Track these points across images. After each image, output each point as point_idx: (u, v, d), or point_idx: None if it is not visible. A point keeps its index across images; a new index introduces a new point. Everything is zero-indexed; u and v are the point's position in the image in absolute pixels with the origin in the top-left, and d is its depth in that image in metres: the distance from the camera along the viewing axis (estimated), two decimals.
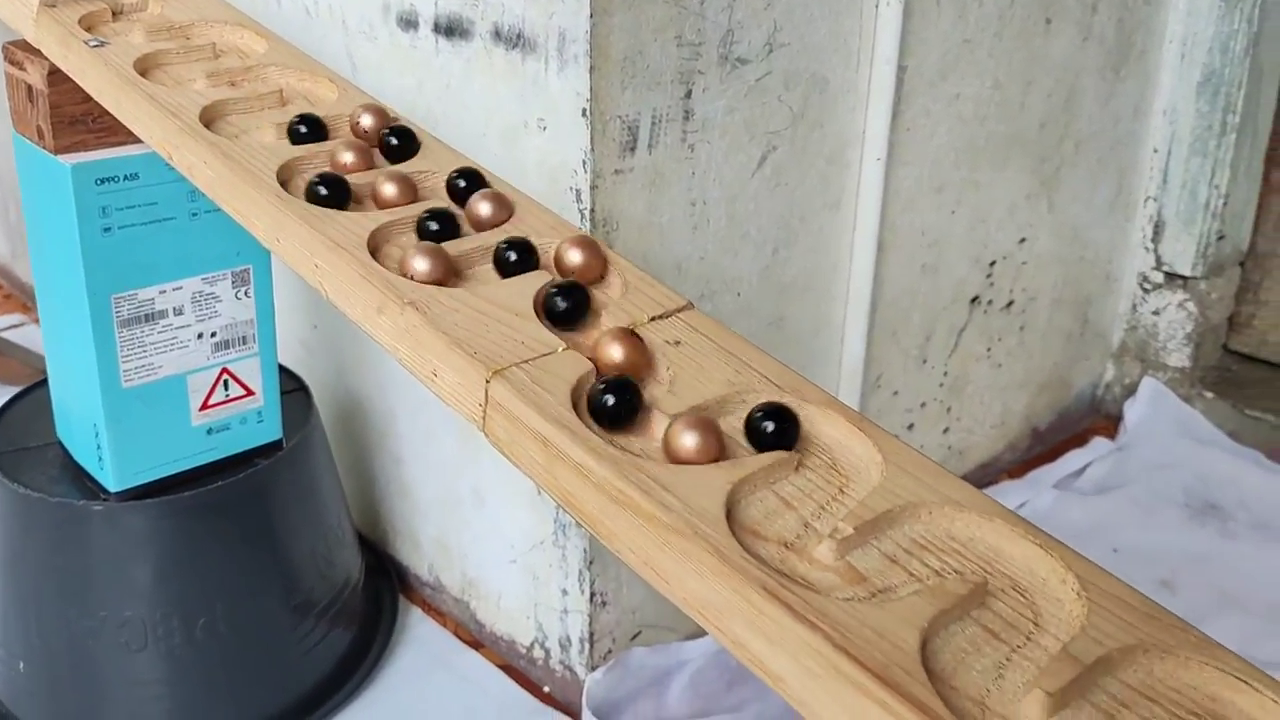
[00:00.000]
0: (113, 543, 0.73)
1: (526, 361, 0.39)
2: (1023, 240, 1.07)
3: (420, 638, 0.92)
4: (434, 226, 0.45)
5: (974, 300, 1.04)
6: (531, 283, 0.43)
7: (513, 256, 0.43)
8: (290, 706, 0.81)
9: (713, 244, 0.79)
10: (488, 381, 0.38)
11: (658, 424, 0.37)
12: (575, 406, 0.37)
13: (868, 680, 0.29)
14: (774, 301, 0.86)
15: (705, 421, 0.35)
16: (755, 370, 0.40)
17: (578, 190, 0.70)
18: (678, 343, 0.41)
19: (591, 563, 0.80)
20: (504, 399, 0.38)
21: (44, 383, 0.81)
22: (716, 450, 0.35)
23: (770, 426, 0.37)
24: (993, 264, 1.05)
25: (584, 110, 0.68)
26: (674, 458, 0.35)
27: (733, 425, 0.38)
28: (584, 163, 0.69)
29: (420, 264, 0.42)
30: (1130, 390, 1.25)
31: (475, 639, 0.92)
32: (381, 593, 0.95)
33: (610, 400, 0.37)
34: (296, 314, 0.98)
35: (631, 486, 0.34)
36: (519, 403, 0.37)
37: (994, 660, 0.31)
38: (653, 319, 0.42)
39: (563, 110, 0.69)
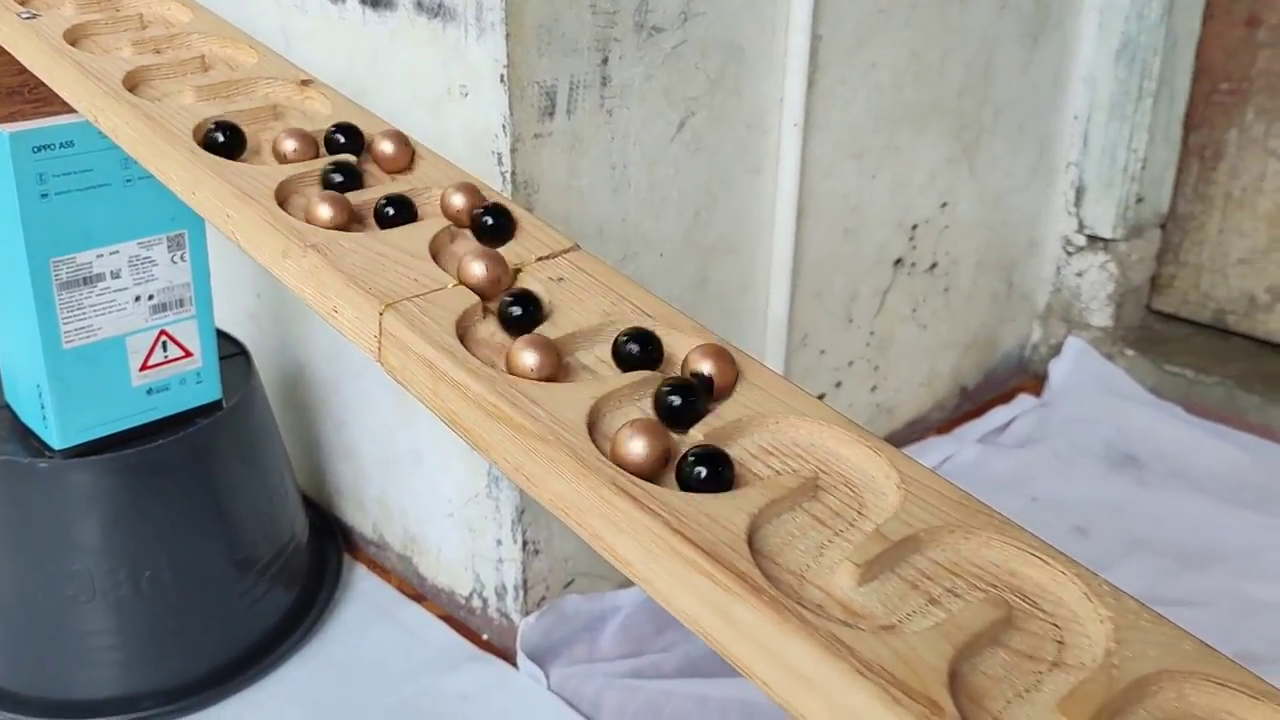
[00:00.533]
0: (59, 499, 0.76)
1: (417, 296, 0.42)
2: (944, 205, 1.11)
3: (364, 593, 0.95)
4: (338, 178, 0.48)
5: (897, 263, 1.09)
6: (429, 228, 0.46)
7: (390, 212, 0.46)
8: (237, 657, 0.85)
9: (634, 207, 0.82)
10: (381, 314, 0.41)
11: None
12: (460, 336, 0.41)
13: (697, 556, 0.33)
14: (697, 263, 0.89)
15: (541, 340, 0.39)
16: (630, 303, 0.44)
17: (499, 154, 0.73)
18: (560, 279, 0.45)
19: (523, 513, 0.84)
20: (395, 329, 0.41)
21: None
22: (552, 368, 0.38)
23: (634, 349, 0.40)
24: (915, 228, 1.09)
25: (502, 77, 0.71)
26: (513, 372, 0.39)
27: (606, 351, 0.42)
28: (504, 127, 0.72)
29: (323, 211, 0.46)
30: (1056, 350, 1.30)
31: (418, 592, 0.95)
32: (327, 552, 0.98)
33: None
34: (243, 287, 1.01)
35: (504, 401, 0.38)
36: (408, 332, 0.41)
37: (817, 542, 0.35)
38: (539, 259, 0.46)
39: (483, 77, 0.72)
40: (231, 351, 0.89)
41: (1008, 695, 0.31)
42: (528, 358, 0.38)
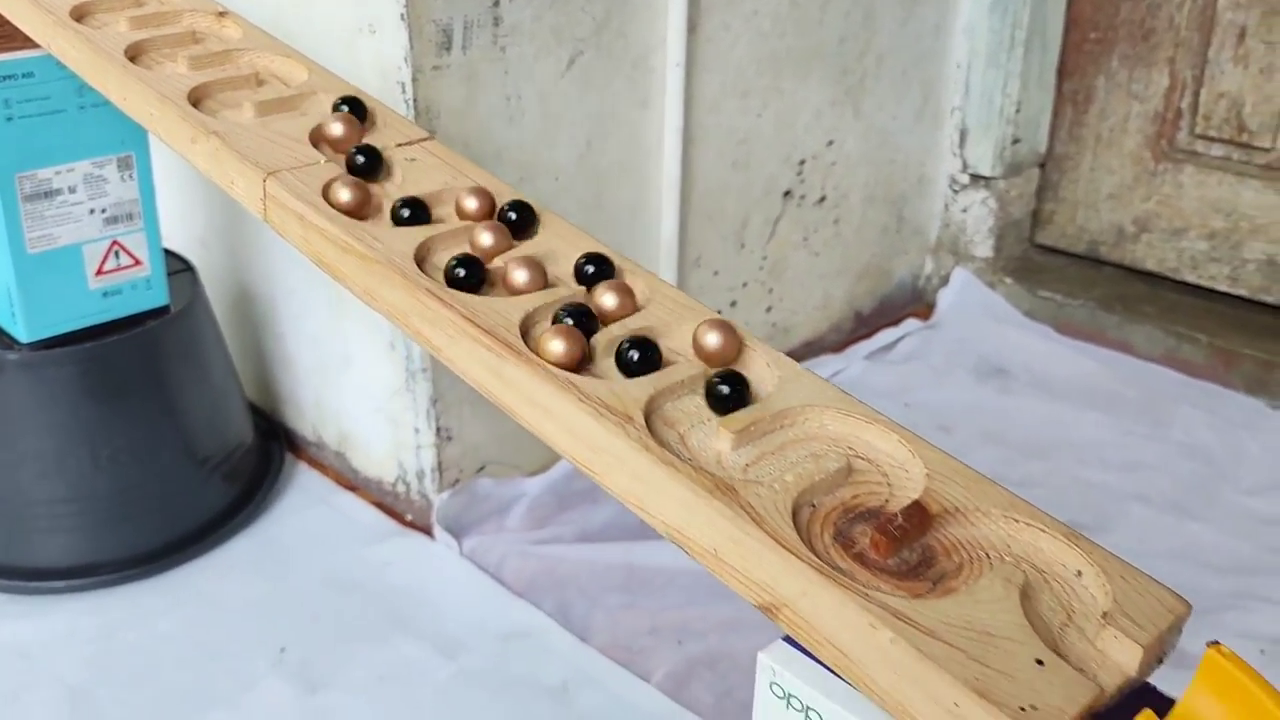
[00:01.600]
0: (25, 386, 0.87)
1: (294, 168, 0.54)
2: (830, 143, 1.23)
3: (304, 485, 1.07)
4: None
5: (786, 194, 1.21)
6: (311, 119, 0.58)
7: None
8: (187, 533, 0.97)
9: (529, 135, 0.94)
10: (264, 181, 0.53)
11: (386, 207, 0.53)
12: (325, 197, 0.53)
13: (480, 335, 0.45)
14: (592, 186, 1.01)
15: (355, 183, 0.51)
16: (467, 177, 0.56)
17: (403, 84, 0.85)
18: (413, 160, 0.57)
19: (436, 402, 0.96)
20: (275, 192, 0.53)
21: None
22: (359, 204, 0.51)
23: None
24: (802, 163, 1.21)
25: (402, 16, 0.83)
26: (337, 209, 0.51)
27: (450, 209, 0.54)
28: (406, 60, 0.84)
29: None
30: (946, 280, 1.42)
31: (351, 483, 1.08)
32: (271, 452, 1.10)
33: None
34: (195, 215, 1.12)
35: (354, 239, 0.50)
36: (285, 193, 0.53)
37: (703, 416, 0.45)
38: (399, 145, 0.58)
39: (386, 16, 0.84)
40: (179, 268, 1.00)
41: (692, 422, 0.43)
42: (343, 194, 0.50)
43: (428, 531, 1.00)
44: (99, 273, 0.88)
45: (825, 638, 0.36)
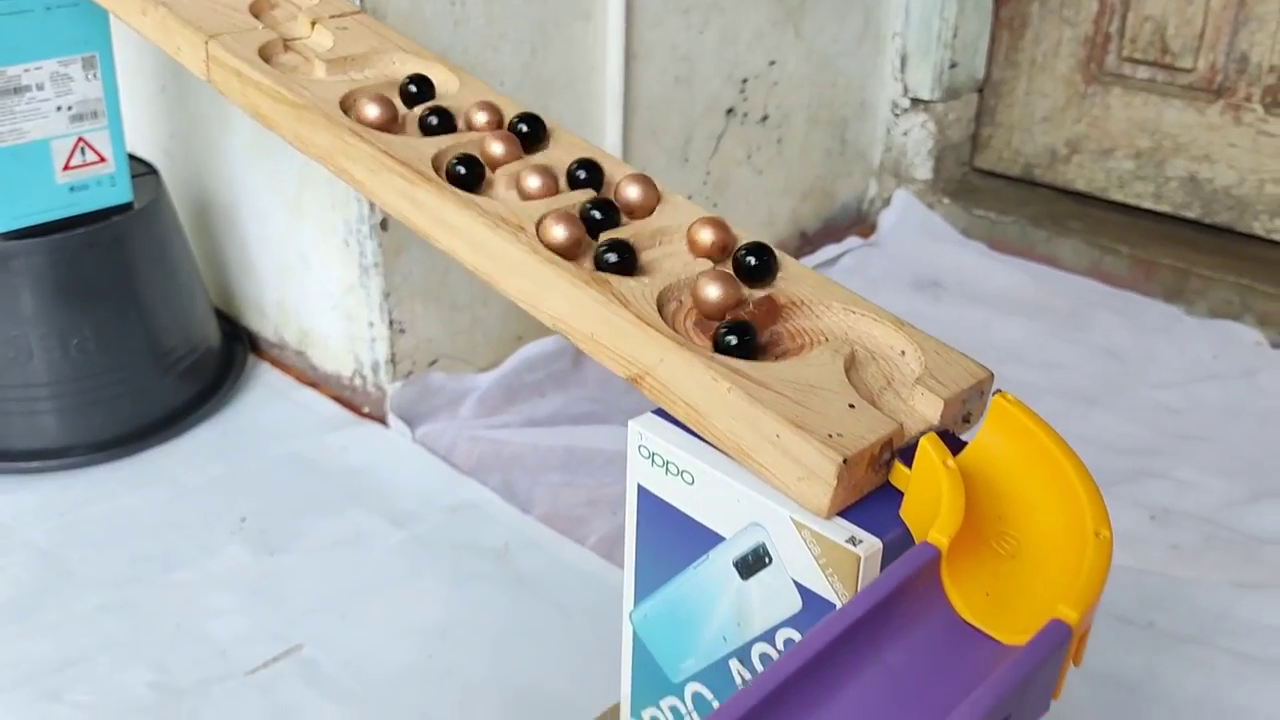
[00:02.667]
0: (0, 275, 0.93)
1: (234, 33, 0.60)
2: (772, 63, 1.28)
3: (267, 383, 1.13)
4: None
5: (729, 111, 1.26)
6: None
7: None
8: (154, 420, 1.02)
9: (474, 39, 0.99)
10: (206, 43, 0.59)
11: (317, 66, 0.58)
12: (264, 59, 0.58)
13: (397, 166, 0.51)
14: (537, 94, 1.06)
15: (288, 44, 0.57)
16: (393, 44, 0.62)
17: None
18: (345, 29, 0.62)
19: (388, 295, 1.02)
20: (216, 53, 0.58)
21: None
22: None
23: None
24: (745, 81, 1.26)
25: None
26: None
27: (377, 75, 0.59)
28: None
29: None
30: (888, 203, 1.48)
31: (312, 380, 1.13)
32: (235, 353, 1.15)
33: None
34: (159, 126, 1.17)
35: (284, 89, 0.55)
36: (224, 53, 0.58)
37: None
38: (332, 16, 0.63)
39: None
40: (143, 171, 1.05)
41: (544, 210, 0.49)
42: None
43: (383, 421, 1.06)
44: (66, 168, 0.93)
45: (678, 396, 0.43)
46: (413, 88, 0.57)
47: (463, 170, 0.50)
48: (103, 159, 0.95)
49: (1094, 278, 1.32)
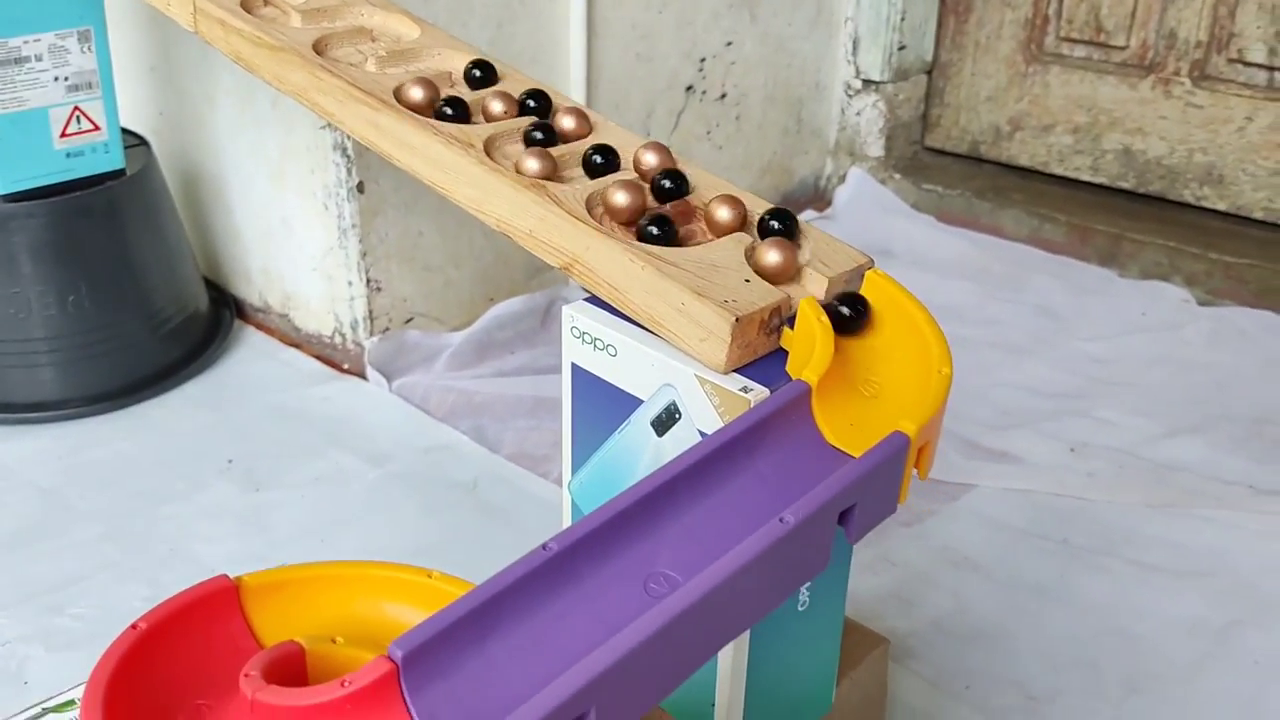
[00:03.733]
0: (1, 235, 0.99)
1: None
2: (729, 43, 1.36)
3: (252, 344, 1.20)
4: None
5: (689, 89, 1.34)
6: None
7: None
8: (146, 375, 1.09)
9: (444, 14, 1.06)
10: None
11: (293, 16, 0.66)
12: (245, 10, 0.65)
13: (364, 96, 0.58)
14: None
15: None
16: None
17: None
18: None
19: (365, 255, 1.09)
20: (203, 5, 0.66)
21: None
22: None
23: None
24: (703, 60, 1.34)
25: None
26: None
27: (345, 25, 0.66)
28: None
29: None
30: (844, 180, 1.56)
31: (295, 341, 1.20)
32: (222, 317, 1.22)
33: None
34: (148, 104, 1.24)
35: (264, 33, 0.62)
36: (210, 5, 0.65)
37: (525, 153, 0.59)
38: None
39: None
40: (135, 142, 1.12)
41: (519, 156, 0.56)
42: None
43: (362, 375, 1.13)
44: (63, 135, 1.00)
45: (602, 278, 0.50)
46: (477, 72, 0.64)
47: (450, 110, 0.57)
48: (97, 127, 1.02)
49: (1034, 245, 1.40)
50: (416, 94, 0.57)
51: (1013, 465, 0.98)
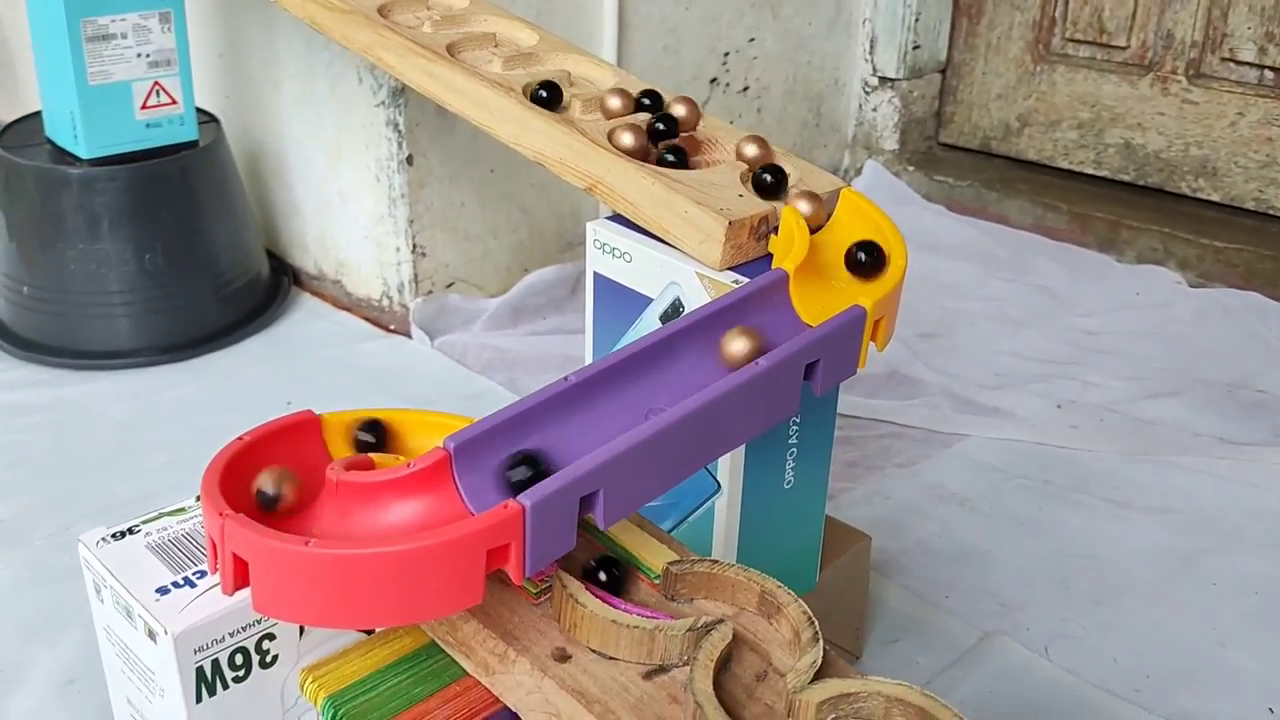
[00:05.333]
0: (84, 196, 1.10)
1: None
2: (752, 39, 1.46)
3: (308, 308, 1.30)
4: None
5: (713, 81, 1.43)
6: None
7: None
8: (211, 331, 1.19)
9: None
10: None
11: None
12: None
13: (423, 50, 0.68)
14: None
15: None
16: None
17: None
18: None
19: (412, 223, 1.19)
20: None
21: (36, 114, 1.19)
22: None
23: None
24: (727, 54, 1.43)
25: None
26: None
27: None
28: None
29: None
30: (860, 173, 1.65)
31: (347, 305, 1.30)
32: (281, 283, 1.33)
33: None
34: (217, 87, 1.35)
35: (335, 0, 0.73)
36: None
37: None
38: None
39: None
40: (206, 119, 1.23)
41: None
42: None
43: (406, 334, 1.23)
44: (143, 107, 1.11)
45: (620, 195, 0.59)
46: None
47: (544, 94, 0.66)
48: (174, 101, 1.13)
49: (1038, 232, 1.48)
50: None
51: (1003, 419, 1.06)
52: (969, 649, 0.77)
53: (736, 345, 0.48)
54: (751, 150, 0.62)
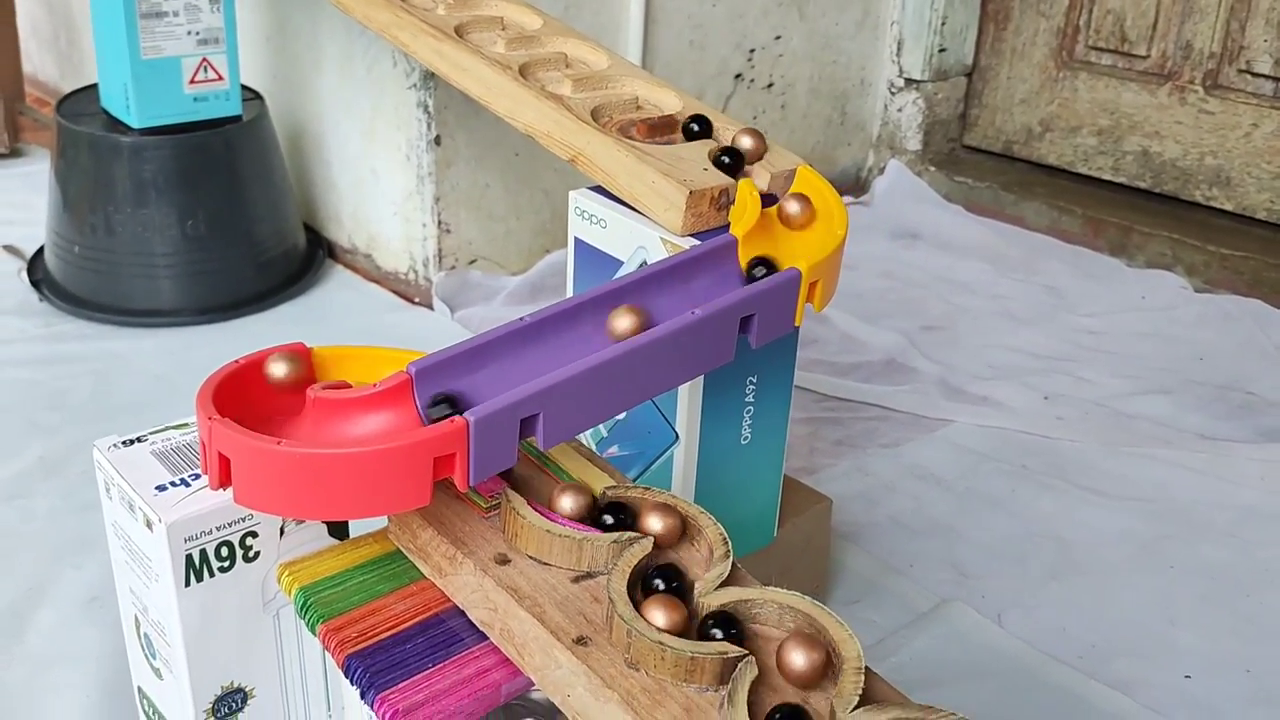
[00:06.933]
0: (134, 163, 1.18)
1: None
2: (777, 38, 1.50)
3: (340, 279, 1.37)
4: None
5: (738, 76, 1.48)
6: None
7: None
8: (248, 295, 1.27)
9: None
10: None
11: None
12: None
13: (430, 29, 0.74)
14: None
15: None
16: None
17: None
18: None
19: (438, 200, 1.25)
20: None
21: (93, 86, 1.27)
22: None
23: None
24: (752, 51, 1.48)
25: None
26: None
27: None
28: None
29: None
30: (884, 171, 1.69)
31: (376, 278, 1.37)
32: (316, 255, 1.40)
33: None
34: (263, 69, 1.43)
35: (397, 4, 0.79)
36: None
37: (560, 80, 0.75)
38: None
39: None
40: (251, 96, 1.31)
41: (552, 82, 0.72)
42: None
43: (429, 306, 1.29)
44: (191, 81, 1.19)
45: (599, 166, 0.65)
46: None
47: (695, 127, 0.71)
48: (221, 78, 1.20)
49: (1052, 235, 1.51)
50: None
51: (990, 407, 1.10)
52: (925, 612, 0.81)
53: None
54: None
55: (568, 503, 0.50)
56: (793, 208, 0.60)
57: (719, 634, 0.43)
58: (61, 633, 0.78)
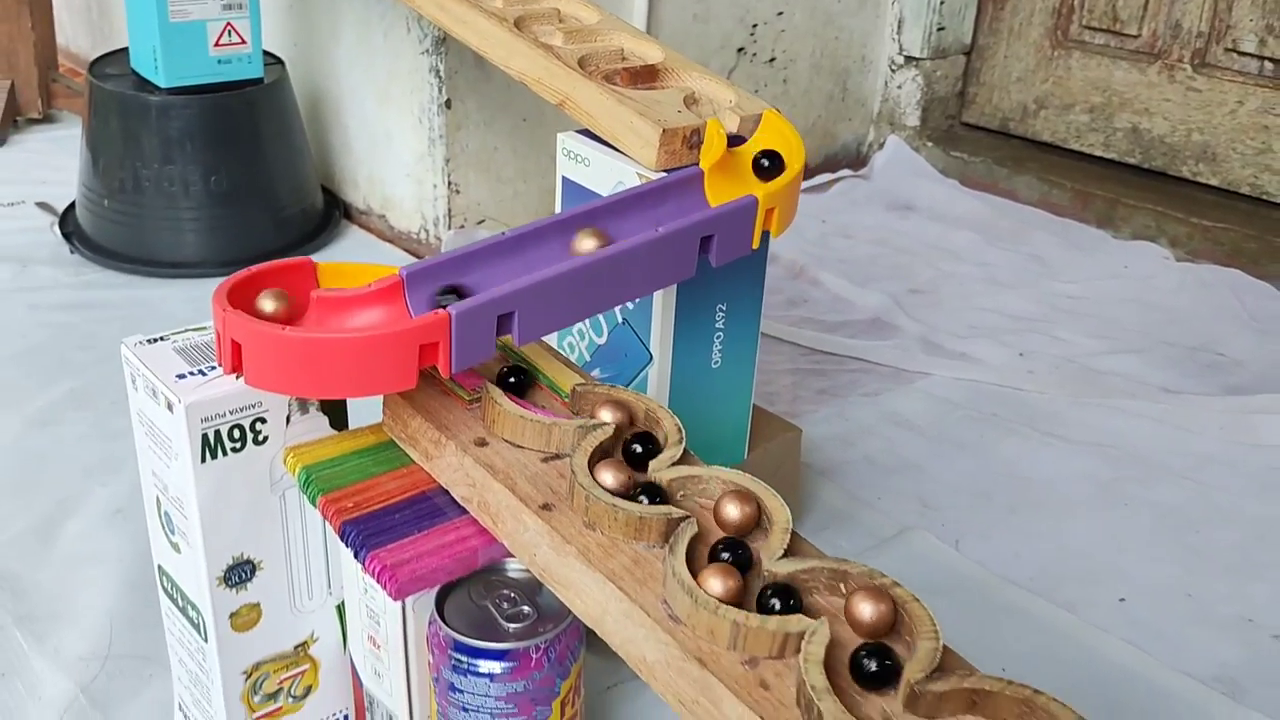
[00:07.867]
0: (161, 121, 1.25)
1: None
2: (780, 13, 1.56)
3: (355, 238, 1.44)
4: None
5: (740, 50, 1.54)
6: None
7: None
8: (267, 250, 1.34)
9: None
10: None
11: None
12: None
13: (495, 22, 0.80)
14: None
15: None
16: None
17: None
18: None
19: (448, 161, 1.31)
20: None
21: (125, 49, 1.34)
22: None
23: None
24: (755, 26, 1.54)
25: None
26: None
27: None
28: None
29: None
30: (883, 146, 1.74)
31: (390, 238, 1.44)
32: (333, 215, 1.47)
33: None
34: (284, 34, 1.49)
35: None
36: None
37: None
38: None
39: None
40: (272, 61, 1.37)
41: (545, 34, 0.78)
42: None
43: None
44: (216, 45, 1.25)
45: (584, 109, 0.71)
46: None
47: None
48: (244, 41, 1.27)
49: (1042, 207, 1.56)
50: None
51: (967, 362, 1.15)
52: (888, 538, 0.87)
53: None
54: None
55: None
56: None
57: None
58: (88, 539, 0.85)
